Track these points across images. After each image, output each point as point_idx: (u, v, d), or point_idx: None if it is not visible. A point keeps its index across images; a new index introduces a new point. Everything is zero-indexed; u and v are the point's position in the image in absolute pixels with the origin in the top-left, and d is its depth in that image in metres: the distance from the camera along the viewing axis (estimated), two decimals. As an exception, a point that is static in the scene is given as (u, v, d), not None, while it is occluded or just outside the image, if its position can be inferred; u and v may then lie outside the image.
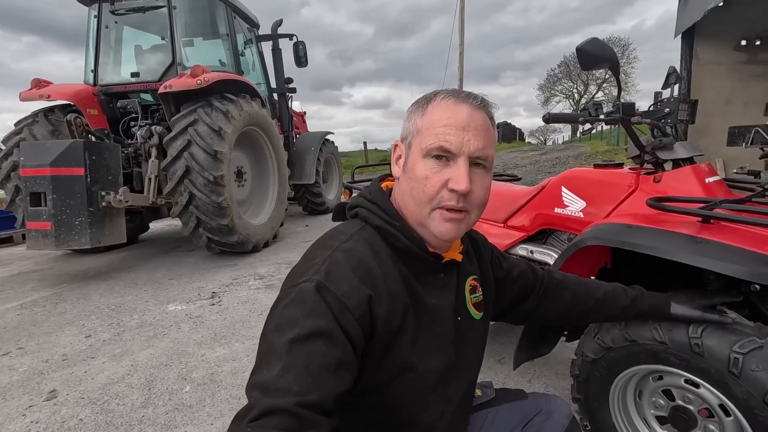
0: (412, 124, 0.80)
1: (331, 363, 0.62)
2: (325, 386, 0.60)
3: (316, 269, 0.70)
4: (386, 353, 0.74)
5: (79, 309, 3.14)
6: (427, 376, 0.79)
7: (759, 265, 0.99)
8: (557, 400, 1.06)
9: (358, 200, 0.85)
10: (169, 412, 1.84)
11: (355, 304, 0.68)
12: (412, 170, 0.77)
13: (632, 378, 1.24)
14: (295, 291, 0.68)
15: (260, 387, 0.59)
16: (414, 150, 0.78)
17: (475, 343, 0.92)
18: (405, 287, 0.77)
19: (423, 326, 0.79)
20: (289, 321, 0.64)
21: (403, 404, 0.78)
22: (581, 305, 1.07)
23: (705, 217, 1.15)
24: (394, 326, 0.73)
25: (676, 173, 1.42)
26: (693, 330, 1.05)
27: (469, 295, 0.90)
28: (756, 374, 0.95)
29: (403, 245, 0.79)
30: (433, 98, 0.79)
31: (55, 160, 3.43)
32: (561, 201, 1.69)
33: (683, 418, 1.15)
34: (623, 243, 1.19)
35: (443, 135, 0.74)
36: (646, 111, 1.49)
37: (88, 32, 4.75)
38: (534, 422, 1.00)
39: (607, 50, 1.30)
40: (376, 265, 0.75)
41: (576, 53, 1.30)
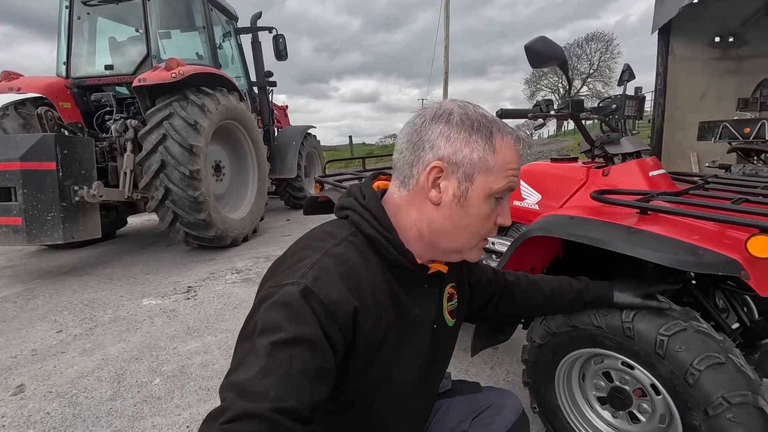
0: (477, 156, 0.74)
1: (311, 370, 0.61)
2: (303, 393, 0.59)
3: (303, 272, 0.68)
4: (368, 365, 0.74)
5: (52, 305, 3.12)
6: (403, 386, 0.81)
7: (685, 253, 1.05)
8: (510, 396, 1.09)
9: (349, 202, 0.82)
10: (138, 404, 1.86)
11: (341, 314, 0.67)
12: (475, 207, 0.75)
13: (576, 361, 1.31)
14: (280, 293, 0.66)
15: (236, 388, 0.57)
16: (480, 186, 0.74)
17: (447, 350, 0.94)
18: (391, 299, 0.77)
19: (404, 338, 0.79)
20: (272, 323, 0.62)
21: (376, 413, 0.80)
22: (531, 303, 1.12)
23: (642, 208, 1.21)
24: (377, 339, 0.73)
25: (622, 167, 1.48)
26: (626, 315, 1.11)
27: (446, 303, 0.91)
28: (678, 354, 1.02)
29: (393, 258, 0.77)
30: (496, 132, 0.75)
31: (25, 154, 3.37)
32: (519, 194, 1.75)
33: (620, 398, 1.22)
34: (566, 234, 1.25)
35: (513, 179, 0.77)
36: (595, 107, 1.55)
37: (59, 23, 4.65)
38: (483, 416, 1.03)
39: (555, 48, 1.35)
40: (365, 275, 0.73)
41: (525, 52, 1.34)
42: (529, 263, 1.61)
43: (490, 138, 0.74)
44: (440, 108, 0.77)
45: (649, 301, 1.12)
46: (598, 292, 1.15)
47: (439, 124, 0.75)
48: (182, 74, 3.94)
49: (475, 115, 0.75)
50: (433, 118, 0.76)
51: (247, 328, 0.65)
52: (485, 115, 0.77)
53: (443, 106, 0.77)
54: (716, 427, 0.97)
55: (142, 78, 3.94)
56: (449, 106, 0.77)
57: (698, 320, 1.07)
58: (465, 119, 0.74)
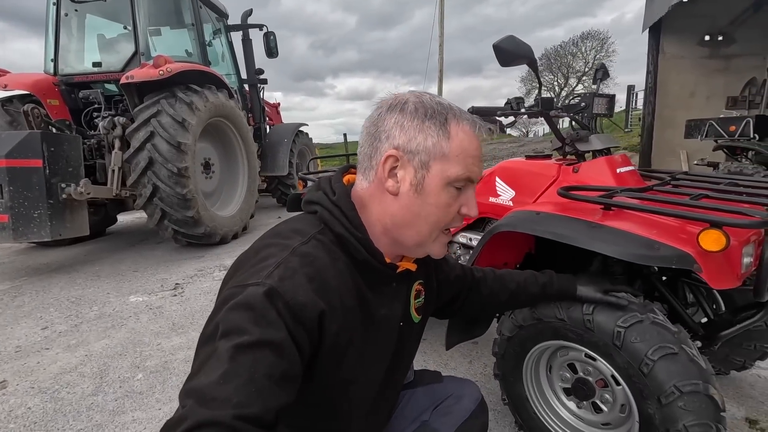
0: (432, 143, 0.73)
1: (276, 374, 0.58)
2: (267, 398, 0.56)
3: (268, 272, 0.65)
4: (334, 368, 0.73)
5: (38, 302, 3.12)
6: (368, 386, 0.82)
7: (639, 247, 1.08)
8: (470, 385, 1.12)
9: (318, 196, 0.80)
10: (119, 398, 1.88)
11: (308, 316, 0.65)
12: (433, 195, 0.74)
13: (543, 354, 1.34)
14: (243, 293, 0.63)
15: (196, 395, 0.54)
16: (436, 174, 0.73)
17: (412, 347, 0.95)
18: (358, 300, 0.76)
19: (370, 339, 0.78)
20: (235, 326, 0.59)
21: (340, 412, 0.80)
22: (497, 298, 1.13)
23: (604, 204, 1.25)
24: (342, 341, 0.72)
25: (591, 164, 1.52)
26: (586, 308, 1.15)
27: (413, 300, 0.91)
28: (634, 345, 1.05)
29: (362, 257, 0.76)
30: (451, 119, 0.74)
31: (10, 151, 3.36)
32: (495, 190, 1.78)
33: (583, 389, 1.26)
34: (531, 229, 1.28)
35: (472, 166, 0.75)
36: (565, 105, 1.58)
37: (47, 19, 4.62)
38: (444, 405, 1.06)
39: (523, 48, 1.37)
40: (332, 275, 0.71)
41: (493, 51, 1.37)
42: (502, 258, 1.65)
43: (445, 124, 0.73)
44: (396, 98, 0.76)
45: (608, 296, 1.14)
46: (562, 286, 1.18)
47: (394, 114, 0.75)
48: (170, 71, 3.93)
49: (429, 103, 0.75)
50: (388, 108, 0.76)
51: (208, 330, 0.62)
52: (441, 102, 0.76)
53: (399, 96, 0.77)
54: (669, 415, 1.01)
55: (129, 75, 3.93)
56: (405, 96, 0.76)
57: (655, 312, 1.11)
58: (419, 107, 0.74)
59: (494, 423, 1.62)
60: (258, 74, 6.27)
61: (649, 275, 1.38)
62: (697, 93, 8.23)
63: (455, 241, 2.02)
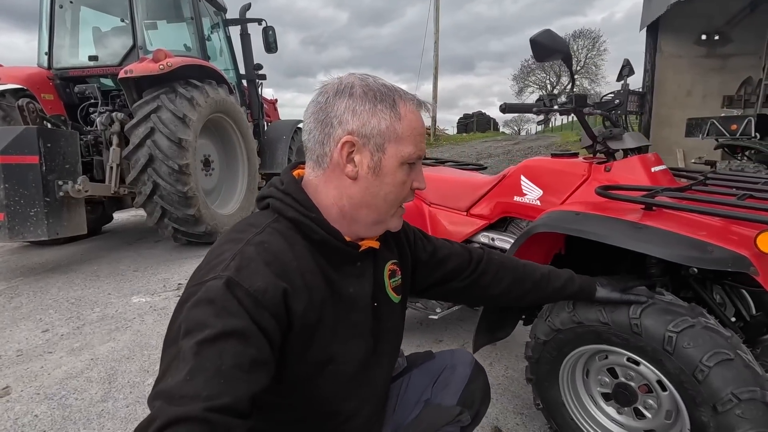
0: (385, 126, 0.75)
1: (244, 363, 0.59)
2: (238, 387, 0.57)
3: (225, 265, 0.66)
4: (305, 348, 0.73)
5: (36, 303, 3.02)
6: (347, 366, 0.81)
7: (691, 249, 1.05)
8: (461, 353, 1.13)
9: (268, 191, 0.82)
10: (130, 404, 1.81)
11: (270, 299, 0.65)
12: (390, 175, 0.77)
13: (580, 358, 1.31)
14: (202, 289, 0.64)
15: (164, 396, 0.54)
16: (391, 156, 0.76)
17: (395, 326, 0.94)
18: (323, 280, 0.76)
19: (341, 317, 0.79)
20: (197, 323, 0.60)
21: (325, 396, 0.80)
22: (520, 286, 1.10)
23: (647, 204, 1.21)
24: (311, 320, 0.72)
25: (624, 163, 1.48)
26: (633, 311, 1.11)
27: (389, 280, 0.92)
28: (687, 351, 1.02)
29: (319, 237, 0.77)
30: (399, 100, 0.77)
31: (6, 148, 3.24)
32: (520, 189, 1.73)
33: (625, 394, 1.22)
34: (571, 230, 1.24)
35: (420, 144, 0.79)
36: (598, 102, 1.54)
37: (40, 11, 4.48)
38: (441, 378, 1.07)
39: (559, 42, 1.33)
40: (291, 258, 0.72)
41: (530, 45, 1.33)
42: (531, 259, 1.60)
43: (395, 106, 0.76)
44: (341, 83, 0.77)
45: (627, 294, 1.13)
46: (582, 284, 1.15)
47: (344, 99, 0.75)
48: (170, 66, 3.83)
49: (376, 86, 0.77)
50: (336, 93, 0.76)
51: (171, 333, 0.63)
52: (386, 84, 0.78)
53: (344, 80, 0.78)
54: (725, 423, 0.98)
55: (128, 69, 3.83)
56: (350, 79, 0.77)
57: (705, 316, 1.08)
58: (368, 91, 0.76)
59: (522, 427, 1.59)
60: (257, 70, 6.16)
61: (687, 277, 1.34)
62: (693, 92, 8.29)
63: (475, 241, 1.98)
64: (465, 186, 2.03)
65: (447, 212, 2.08)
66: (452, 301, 1.26)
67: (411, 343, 2.23)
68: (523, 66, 38.97)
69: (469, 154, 14.44)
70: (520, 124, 49.08)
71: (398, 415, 1.03)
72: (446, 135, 24.34)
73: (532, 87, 39.52)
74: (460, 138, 23.42)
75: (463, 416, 1.00)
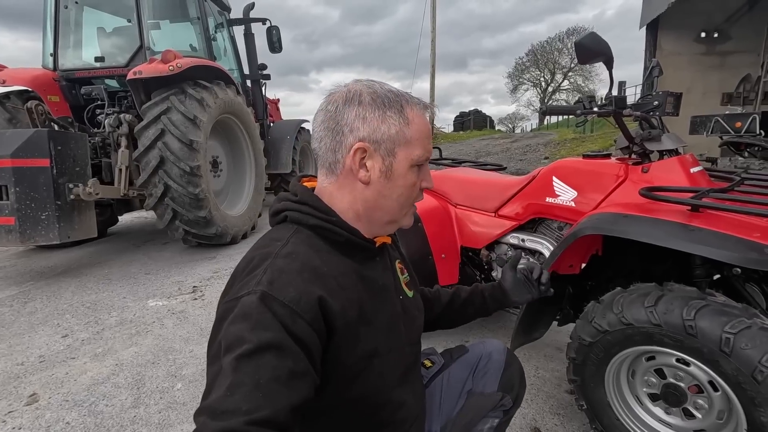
0: (396, 132, 0.78)
1: (282, 375, 0.60)
2: (278, 400, 0.59)
3: (257, 280, 0.68)
4: (352, 347, 0.75)
5: (51, 308, 2.99)
6: (391, 354, 0.83)
7: (747, 250, 1.06)
8: (492, 342, 1.16)
9: (283, 204, 0.83)
10: (162, 410, 1.80)
11: (306, 308, 0.67)
12: (401, 178, 0.80)
13: (626, 359, 1.31)
14: (239, 305, 0.66)
15: (207, 411, 0.57)
16: (402, 158, 0.79)
17: (417, 317, 0.98)
18: (356, 277, 0.79)
19: (379, 309, 0.82)
20: (235, 338, 0.62)
21: (377, 389, 0.81)
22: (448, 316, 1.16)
23: (695, 206, 1.22)
24: (352, 319, 0.74)
25: (663, 164, 1.49)
26: (687, 312, 1.12)
27: (401, 276, 0.96)
28: (746, 352, 1.03)
29: (344, 239, 0.80)
30: (406, 105, 0.79)
31: (16, 151, 3.20)
32: (552, 190, 1.74)
33: (675, 395, 1.23)
34: (621, 231, 1.24)
35: (427, 146, 0.82)
36: (635, 104, 1.55)
37: (45, 13, 4.42)
38: (479, 368, 1.10)
39: (603, 45, 1.34)
40: (320, 263, 0.74)
41: (574, 47, 1.33)
42: (569, 261, 1.61)
43: (403, 111, 0.79)
44: (349, 91, 0.79)
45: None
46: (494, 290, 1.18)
47: (353, 107, 0.78)
48: (180, 67, 3.80)
49: (383, 93, 0.79)
50: (345, 102, 0.78)
51: (213, 350, 0.65)
52: (392, 90, 0.81)
53: (351, 88, 0.80)
54: (785, 423, 0.99)
55: (137, 71, 3.79)
56: (357, 87, 0.80)
57: (760, 317, 1.08)
58: (375, 98, 0.78)
59: (561, 428, 1.60)
60: (261, 70, 6.13)
61: (730, 277, 1.36)
62: (692, 89, 8.34)
63: (504, 242, 1.99)
64: (493, 187, 2.04)
65: (474, 213, 2.08)
66: None
67: (438, 344, 2.23)
68: (518, 64, 39.11)
69: (468, 152, 14.48)
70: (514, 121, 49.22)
71: (444, 410, 1.05)
72: (443, 133, 24.36)
73: (527, 84, 39.66)
74: (457, 136, 23.46)
75: (505, 400, 1.04)
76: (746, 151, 5.30)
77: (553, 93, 38.15)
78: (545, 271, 1.16)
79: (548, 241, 1.81)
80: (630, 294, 1.25)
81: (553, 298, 1.68)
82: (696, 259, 1.28)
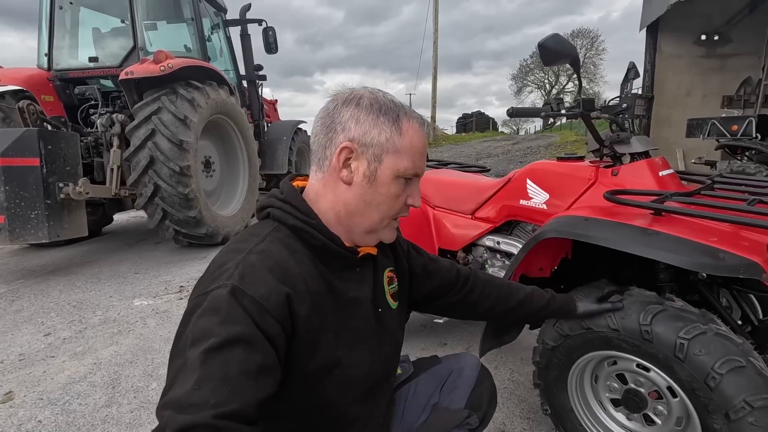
0: (386, 139, 0.78)
1: (251, 369, 0.60)
2: (245, 394, 0.58)
3: (229, 274, 0.68)
4: (312, 352, 0.74)
5: (37, 306, 3.01)
6: (353, 369, 0.82)
7: (702, 255, 1.04)
8: (467, 357, 1.14)
9: (269, 200, 0.84)
10: (135, 410, 1.80)
11: (275, 305, 0.67)
12: (383, 186, 0.79)
13: (588, 363, 1.30)
14: (208, 299, 0.65)
15: (172, 405, 0.55)
16: (387, 167, 0.78)
17: (395, 331, 0.96)
18: (324, 286, 0.78)
19: (343, 322, 0.80)
20: (203, 332, 0.61)
21: (332, 402, 0.80)
22: (504, 304, 1.14)
23: (658, 210, 1.20)
24: (315, 325, 0.74)
25: (632, 167, 1.47)
26: (643, 318, 1.10)
27: (387, 287, 0.94)
28: (699, 358, 1.01)
29: (320, 243, 0.79)
30: (402, 116, 0.80)
31: (6, 150, 3.23)
32: (526, 193, 1.73)
33: (635, 400, 1.22)
34: (580, 235, 1.23)
35: (419, 162, 0.81)
36: (605, 106, 1.54)
37: (40, 12, 4.46)
38: (448, 382, 1.08)
39: (567, 46, 1.32)
40: (293, 264, 0.74)
41: (537, 49, 1.32)
42: (538, 264, 1.60)
43: (397, 121, 0.79)
44: (352, 93, 0.81)
45: (603, 304, 1.17)
46: (563, 302, 1.19)
47: (350, 108, 0.79)
48: (171, 67, 3.82)
49: (384, 100, 0.80)
50: (344, 102, 0.80)
51: (179, 343, 0.64)
52: (393, 101, 0.81)
53: (355, 91, 0.81)
54: (737, 431, 0.97)
55: (129, 71, 3.81)
56: (361, 91, 0.81)
57: (716, 323, 1.07)
58: (374, 103, 0.79)
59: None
60: (257, 70, 6.14)
61: (695, 282, 1.34)
62: (693, 92, 8.30)
63: (480, 244, 1.98)
64: (470, 189, 2.03)
65: (452, 215, 2.07)
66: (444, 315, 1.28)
67: (416, 346, 2.22)
68: (522, 65, 39.02)
69: (469, 154, 14.44)
70: (519, 123, 49.08)
71: (407, 420, 1.04)
72: (445, 135, 24.34)
73: (531, 86, 39.56)
74: (459, 138, 23.43)
75: (471, 419, 1.02)
76: (743, 154, 5.26)
77: (557, 95, 38.06)
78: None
79: (522, 243, 1.80)
80: (590, 298, 1.24)
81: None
82: (659, 264, 1.27)
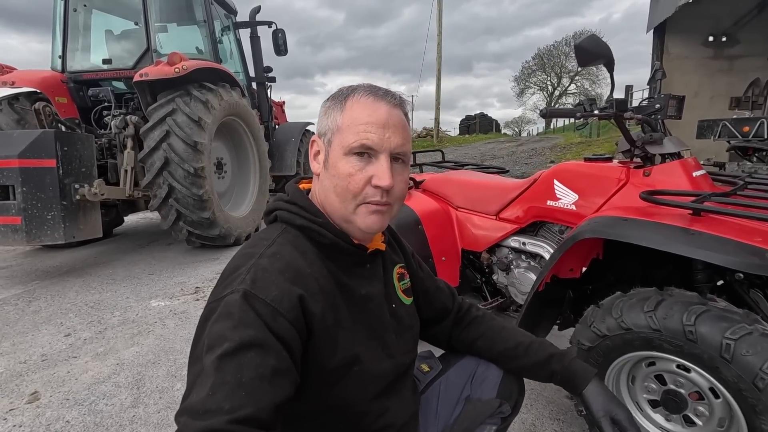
0: (331, 120, 0.79)
1: (265, 373, 0.60)
2: (260, 398, 0.58)
3: (241, 279, 0.68)
4: (331, 350, 0.75)
5: (55, 307, 3.02)
6: (373, 364, 0.82)
7: (748, 255, 1.04)
8: None
9: (275, 204, 0.85)
10: (161, 410, 1.81)
11: (288, 306, 0.67)
12: (334, 167, 0.78)
13: (626, 365, 1.30)
14: (221, 305, 0.66)
15: (189, 411, 0.56)
16: (335, 147, 0.78)
17: (412, 325, 0.97)
18: (335, 284, 0.79)
19: (357, 319, 0.81)
20: (217, 337, 0.62)
21: (354, 399, 0.80)
22: (489, 349, 1.06)
23: (698, 210, 1.20)
24: (330, 323, 0.74)
25: (665, 167, 1.47)
26: (687, 318, 1.10)
27: (398, 282, 0.95)
28: (746, 358, 1.01)
29: (329, 241, 0.80)
30: (350, 95, 0.80)
31: (23, 151, 3.24)
32: (553, 194, 1.73)
33: (675, 401, 1.21)
34: (620, 235, 1.23)
35: (365, 133, 0.76)
36: (637, 107, 1.54)
37: (54, 16, 4.49)
38: (477, 374, 1.07)
39: (603, 47, 1.33)
40: (305, 264, 0.75)
41: (574, 50, 1.32)
42: (569, 264, 1.60)
43: (343, 101, 0.79)
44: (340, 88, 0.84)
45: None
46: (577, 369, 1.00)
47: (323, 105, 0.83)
48: (185, 69, 3.84)
49: (344, 88, 0.81)
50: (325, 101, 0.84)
51: (196, 350, 0.65)
52: (357, 86, 0.81)
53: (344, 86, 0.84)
54: (787, 432, 0.97)
55: (143, 73, 3.83)
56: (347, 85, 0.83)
57: (762, 323, 1.07)
58: (335, 93, 0.82)
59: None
60: (266, 72, 6.16)
61: (732, 282, 1.34)
62: (700, 93, 8.28)
63: (505, 245, 1.97)
64: (494, 189, 2.03)
65: (475, 216, 2.07)
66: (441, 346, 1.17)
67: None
68: (524, 67, 39.07)
69: (473, 156, 14.44)
70: (521, 125, 49.08)
71: (441, 416, 1.04)
72: (448, 136, 24.35)
73: (533, 88, 39.61)
74: (462, 139, 23.44)
75: (503, 407, 1.02)
76: (754, 155, 5.24)
77: (560, 97, 38.06)
78: None
79: (549, 244, 1.80)
80: (629, 298, 1.24)
81: (553, 302, 1.67)
82: (697, 264, 1.27)
